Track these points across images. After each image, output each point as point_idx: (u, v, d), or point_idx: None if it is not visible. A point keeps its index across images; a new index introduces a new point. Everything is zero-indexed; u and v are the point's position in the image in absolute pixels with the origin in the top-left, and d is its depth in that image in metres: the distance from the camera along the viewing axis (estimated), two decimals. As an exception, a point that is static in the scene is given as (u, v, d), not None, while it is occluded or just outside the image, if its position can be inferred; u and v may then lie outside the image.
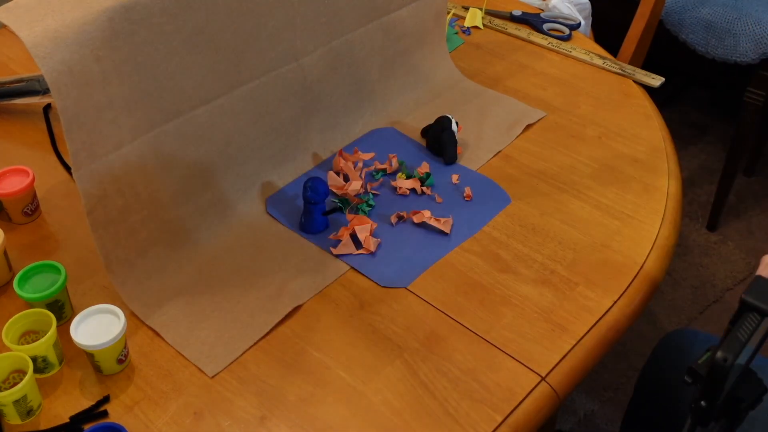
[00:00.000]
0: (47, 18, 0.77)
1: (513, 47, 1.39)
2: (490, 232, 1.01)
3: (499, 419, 0.80)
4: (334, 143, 1.14)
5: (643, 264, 0.96)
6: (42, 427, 0.80)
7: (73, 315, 0.86)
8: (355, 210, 1.04)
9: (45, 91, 1.21)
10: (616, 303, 0.92)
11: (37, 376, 0.83)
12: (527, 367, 0.85)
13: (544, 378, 0.84)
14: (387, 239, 1.00)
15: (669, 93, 2.54)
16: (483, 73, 1.32)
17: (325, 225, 1.01)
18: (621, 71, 1.31)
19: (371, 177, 1.10)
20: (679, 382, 0.72)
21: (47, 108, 1.22)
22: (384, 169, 1.11)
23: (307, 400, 0.82)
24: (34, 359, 0.81)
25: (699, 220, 2.16)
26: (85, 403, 0.82)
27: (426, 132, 1.16)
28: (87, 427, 0.79)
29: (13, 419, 0.80)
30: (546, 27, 1.43)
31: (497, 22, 1.45)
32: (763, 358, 0.87)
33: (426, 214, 1.02)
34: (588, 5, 1.69)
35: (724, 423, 0.72)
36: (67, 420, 0.81)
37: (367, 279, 0.95)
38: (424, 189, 1.07)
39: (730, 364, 0.64)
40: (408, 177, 1.09)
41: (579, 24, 1.44)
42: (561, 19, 1.45)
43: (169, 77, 0.89)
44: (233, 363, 0.86)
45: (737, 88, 1.96)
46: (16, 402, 0.78)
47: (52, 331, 0.82)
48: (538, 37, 1.40)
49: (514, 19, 1.46)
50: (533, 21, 1.44)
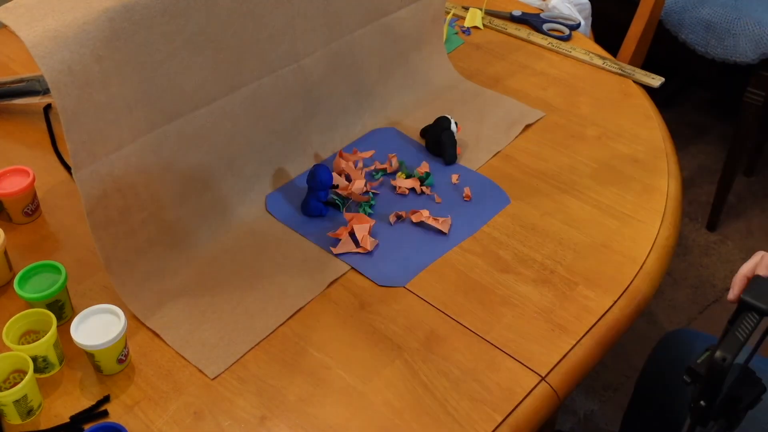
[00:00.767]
0: (47, 18, 0.77)
1: (513, 47, 1.39)
2: (490, 232, 1.01)
3: (499, 419, 0.80)
4: (334, 144, 1.14)
5: (643, 264, 0.96)
6: (42, 427, 0.80)
7: (74, 315, 0.86)
8: (355, 209, 1.04)
9: (45, 91, 1.21)
10: (616, 303, 0.92)
11: (38, 376, 0.83)
12: (527, 367, 0.85)
13: (544, 378, 0.84)
14: (386, 238, 1.00)
15: (669, 93, 2.54)
16: (483, 73, 1.32)
17: (320, 212, 1.02)
18: (621, 71, 1.31)
19: (371, 177, 1.10)
20: (678, 382, 0.72)
21: (47, 108, 1.22)
22: (384, 169, 1.11)
23: (307, 400, 0.82)
24: (34, 359, 0.81)
25: (699, 220, 2.16)
26: (86, 403, 0.82)
27: (425, 132, 1.16)
28: (87, 427, 0.79)
29: (14, 419, 0.80)
30: (546, 27, 1.43)
31: (497, 22, 1.45)
32: (763, 358, 0.87)
33: (424, 213, 1.02)
34: (588, 5, 1.69)
35: (723, 422, 0.72)
36: (68, 420, 0.81)
37: (367, 279, 0.95)
38: (423, 189, 1.07)
39: (728, 363, 0.64)
40: (408, 177, 1.09)
41: (579, 24, 1.44)
42: (561, 19, 1.45)
43: (170, 78, 0.89)
44: (233, 363, 0.86)
45: (737, 88, 1.96)
46: (16, 402, 0.78)
47: (52, 331, 0.82)
48: (538, 37, 1.40)
49: (514, 20, 1.46)
50: (533, 21, 1.44)
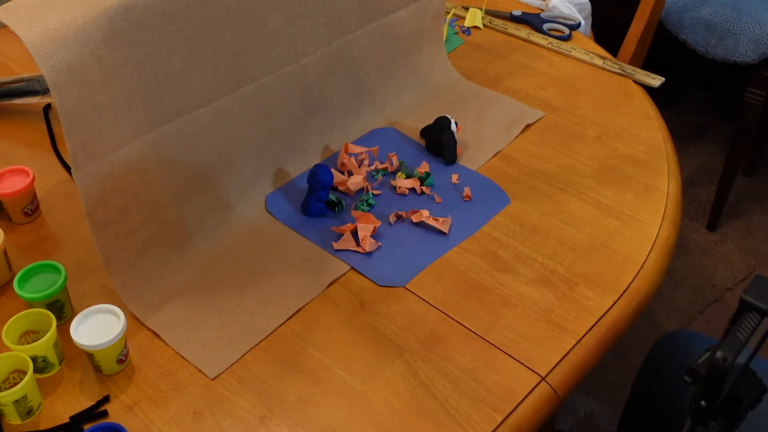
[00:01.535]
0: (47, 18, 0.77)
1: (513, 47, 1.39)
2: (490, 232, 1.01)
3: (499, 419, 0.80)
4: (333, 144, 1.14)
5: (643, 264, 0.96)
6: (42, 427, 0.80)
7: (73, 315, 0.86)
8: (353, 204, 1.04)
9: (45, 91, 1.21)
10: (616, 303, 0.92)
11: (37, 376, 0.83)
12: (527, 367, 0.85)
13: (544, 378, 0.84)
14: (386, 238, 1.00)
15: (669, 93, 2.54)
16: (483, 73, 1.32)
17: (320, 212, 1.02)
18: (621, 71, 1.31)
19: (371, 176, 1.10)
20: (676, 383, 0.72)
21: (47, 108, 1.22)
22: (384, 169, 1.11)
23: (307, 400, 0.82)
24: (34, 359, 0.81)
25: (699, 220, 2.16)
26: (85, 403, 0.82)
27: (425, 132, 1.16)
28: (87, 427, 0.79)
29: (13, 419, 0.80)
30: (546, 27, 1.43)
31: (497, 22, 1.45)
32: (764, 360, 0.87)
33: (424, 213, 1.02)
34: (588, 5, 1.69)
35: (723, 422, 0.72)
36: (67, 420, 0.81)
37: (367, 279, 0.95)
38: (423, 189, 1.07)
39: (729, 363, 0.64)
40: (408, 176, 1.09)
41: (579, 24, 1.44)
42: (561, 19, 1.45)
43: (170, 78, 0.89)
44: (233, 363, 0.86)
45: (737, 88, 1.96)
46: (16, 402, 0.78)
47: (52, 331, 0.82)
48: (538, 37, 1.40)
49: (514, 19, 1.46)
50: (533, 21, 1.44)
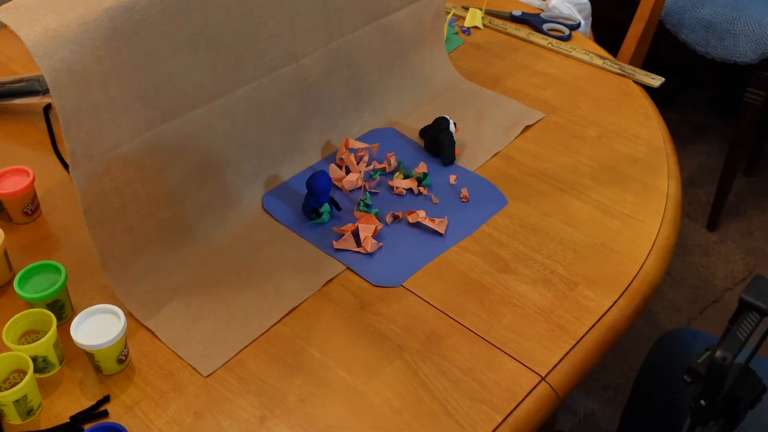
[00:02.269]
0: (47, 17, 0.77)
1: (513, 47, 1.39)
2: (490, 232, 1.01)
3: (499, 419, 0.80)
4: (332, 144, 1.14)
5: (643, 264, 0.96)
6: (42, 427, 0.80)
7: (74, 315, 0.86)
8: (352, 206, 1.04)
9: (45, 91, 1.21)
10: (616, 303, 0.92)
11: (38, 376, 0.83)
12: (527, 367, 0.85)
13: (544, 378, 0.84)
14: (382, 239, 1.00)
15: (669, 93, 2.54)
16: (483, 73, 1.32)
17: (311, 216, 1.02)
18: (621, 71, 1.31)
19: (369, 176, 1.10)
20: (677, 381, 0.72)
21: (47, 108, 1.22)
22: (382, 169, 1.11)
23: (307, 400, 0.82)
24: (34, 359, 0.81)
25: (699, 220, 2.16)
26: (86, 403, 0.82)
27: (424, 133, 1.16)
28: (87, 427, 0.79)
29: (14, 419, 0.80)
30: (546, 27, 1.43)
31: (497, 22, 1.45)
32: (763, 359, 0.87)
33: (421, 214, 1.02)
34: (588, 5, 1.69)
35: (723, 422, 0.72)
36: (68, 420, 0.81)
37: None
38: (421, 189, 1.07)
39: (729, 363, 0.64)
40: (405, 177, 1.09)
41: (579, 24, 1.44)
42: (561, 19, 1.45)
43: (169, 77, 0.89)
44: (233, 363, 0.86)
45: (737, 88, 1.96)
46: (16, 402, 0.78)
47: (52, 331, 0.82)
48: (538, 37, 1.40)
49: (514, 19, 1.46)
50: (533, 21, 1.44)
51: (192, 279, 0.95)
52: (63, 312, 0.90)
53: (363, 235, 0.98)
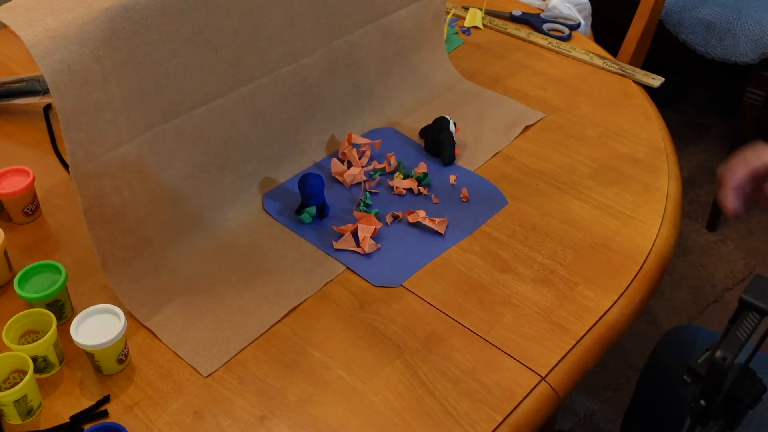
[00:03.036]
0: (47, 17, 0.77)
1: (513, 47, 1.39)
2: (490, 232, 1.01)
3: (499, 419, 0.80)
4: (332, 144, 1.14)
5: (643, 264, 0.96)
6: (42, 427, 0.80)
7: (74, 315, 0.86)
8: (352, 206, 1.04)
9: (45, 91, 1.21)
10: (616, 303, 0.92)
11: (38, 376, 0.83)
12: (527, 367, 0.85)
13: (544, 378, 0.84)
14: (382, 239, 1.00)
15: (669, 93, 2.54)
16: (483, 73, 1.32)
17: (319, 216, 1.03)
18: (621, 71, 1.31)
19: (369, 176, 1.10)
20: (680, 378, 0.72)
21: (47, 108, 1.22)
22: (382, 169, 1.11)
23: (307, 400, 0.82)
24: (34, 359, 0.81)
25: (699, 220, 2.16)
26: (86, 403, 0.82)
27: (424, 133, 1.16)
28: (87, 427, 0.79)
29: (14, 419, 0.80)
30: (546, 27, 1.43)
31: (497, 22, 1.45)
32: (765, 354, 0.87)
33: (421, 214, 1.02)
34: (588, 5, 1.69)
35: (723, 422, 0.72)
36: (68, 420, 0.81)
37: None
38: (421, 189, 1.07)
39: (729, 363, 0.64)
40: (405, 177, 1.09)
41: (579, 24, 1.44)
42: (561, 19, 1.45)
43: (169, 77, 0.89)
44: (233, 363, 0.86)
45: (737, 88, 1.96)
46: (16, 402, 0.78)
47: (52, 331, 0.82)
48: (538, 37, 1.40)
49: (514, 19, 1.46)
50: (533, 21, 1.44)
51: (192, 279, 0.95)
52: (63, 312, 0.90)
53: (362, 236, 0.98)
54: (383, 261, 0.97)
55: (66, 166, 1.13)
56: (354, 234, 0.99)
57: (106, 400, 0.82)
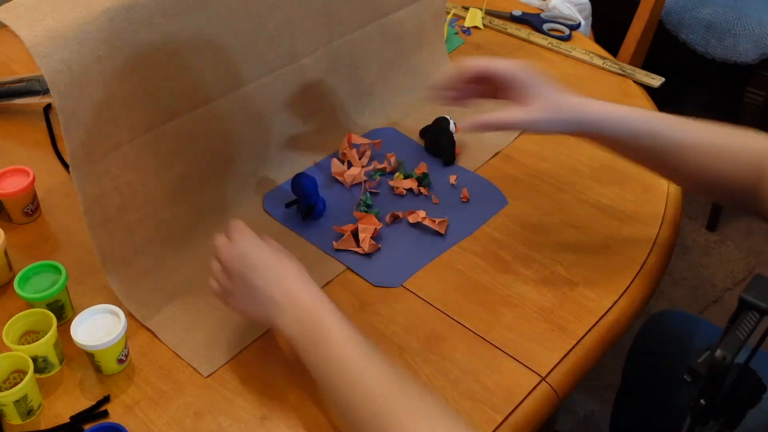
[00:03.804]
0: (47, 17, 0.77)
1: (513, 47, 1.39)
2: (490, 232, 1.01)
3: (499, 419, 0.80)
4: (332, 144, 1.14)
5: (643, 264, 0.96)
6: (42, 427, 0.80)
7: (74, 315, 0.86)
8: (352, 205, 1.04)
9: (45, 91, 1.21)
10: (616, 303, 0.92)
11: (38, 376, 0.83)
12: (527, 367, 0.85)
13: (544, 378, 0.84)
14: (382, 239, 1.00)
15: (669, 93, 2.54)
16: (483, 73, 1.32)
17: (319, 215, 1.03)
18: (621, 71, 1.31)
19: (369, 176, 1.10)
20: (666, 361, 0.72)
21: (47, 108, 1.22)
22: (383, 169, 1.11)
23: (308, 400, 0.82)
24: (34, 359, 0.81)
25: (699, 220, 2.16)
26: (86, 403, 0.82)
27: (424, 133, 1.16)
28: (87, 427, 0.79)
29: (14, 419, 0.80)
30: (546, 27, 1.43)
31: (497, 22, 1.45)
32: (765, 352, 0.87)
33: (421, 214, 1.02)
34: (588, 5, 1.69)
35: (723, 421, 0.72)
36: (68, 420, 0.81)
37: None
38: (421, 189, 1.07)
39: (729, 362, 0.64)
40: (406, 177, 1.09)
41: (579, 24, 1.44)
42: (561, 19, 1.45)
43: (169, 78, 0.89)
44: (234, 363, 0.86)
45: (737, 88, 1.96)
46: (16, 402, 0.78)
47: (52, 331, 0.82)
48: (538, 37, 1.40)
49: (514, 19, 1.46)
50: (533, 21, 1.44)
51: (192, 279, 0.95)
52: (63, 312, 0.90)
53: (362, 236, 0.98)
54: (383, 261, 0.97)
55: (66, 166, 1.13)
56: (354, 234, 0.99)
57: (106, 400, 0.82)
